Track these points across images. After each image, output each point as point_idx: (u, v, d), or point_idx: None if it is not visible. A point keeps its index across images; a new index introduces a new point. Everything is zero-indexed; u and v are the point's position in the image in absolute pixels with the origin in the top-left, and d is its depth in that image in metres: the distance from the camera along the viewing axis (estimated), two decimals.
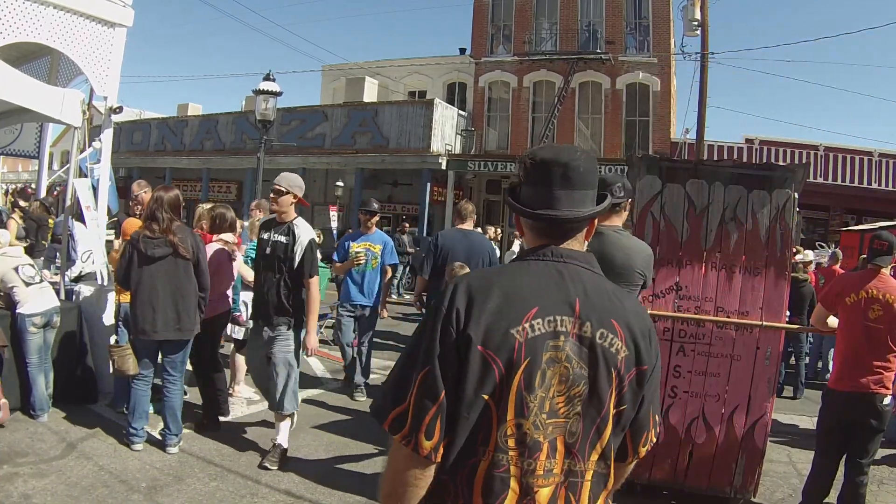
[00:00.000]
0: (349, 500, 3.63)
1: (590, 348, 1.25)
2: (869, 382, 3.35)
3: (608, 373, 1.26)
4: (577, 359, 1.25)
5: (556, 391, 1.24)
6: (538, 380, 1.22)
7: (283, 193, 4.08)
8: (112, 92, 5.43)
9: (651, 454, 3.78)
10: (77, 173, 5.32)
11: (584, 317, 1.26)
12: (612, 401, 1.28)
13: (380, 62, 24.52)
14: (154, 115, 28.32)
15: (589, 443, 1.27)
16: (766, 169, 4.03)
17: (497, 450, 1.22)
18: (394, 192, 22.63)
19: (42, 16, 4.95)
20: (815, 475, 3.59)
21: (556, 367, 1.24)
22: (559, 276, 1.29)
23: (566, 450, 1.25)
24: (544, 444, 1.23)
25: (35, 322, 4.34)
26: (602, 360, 1.25)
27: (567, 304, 1.26)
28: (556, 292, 1.27)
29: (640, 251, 3.13)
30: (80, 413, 4.63)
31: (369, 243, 5.76)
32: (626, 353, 1.28)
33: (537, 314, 1.23)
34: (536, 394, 1.22)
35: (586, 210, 1.34)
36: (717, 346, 3.79)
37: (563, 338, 1.24)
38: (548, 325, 1.24)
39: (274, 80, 10.04)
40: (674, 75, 20.49)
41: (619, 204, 3.10)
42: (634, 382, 1.31)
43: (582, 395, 1.25)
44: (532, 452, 1.22)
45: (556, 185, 1.32)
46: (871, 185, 16.77)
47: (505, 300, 1.24)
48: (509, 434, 1.22)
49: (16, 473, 3.52)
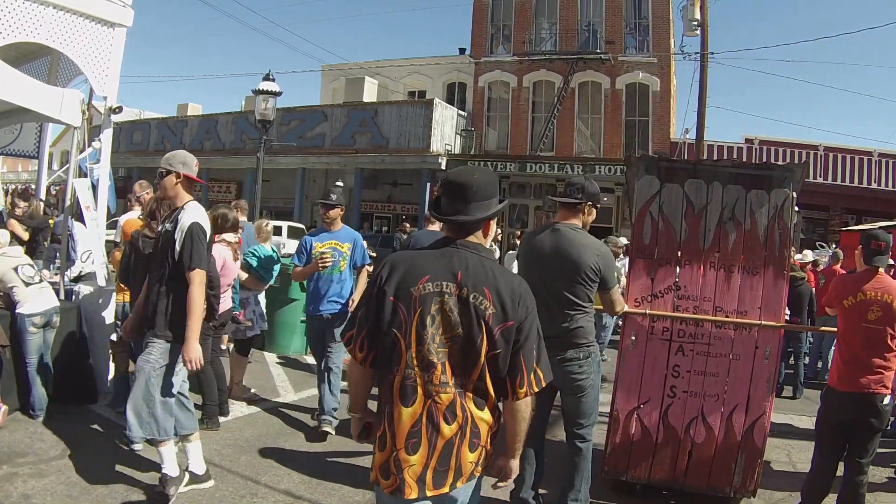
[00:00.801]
0: (349, 500, 3.63)
1: (465, 304, 1.89)
2: (869, 382, 3.35)
3: (478, 322, 1.89)
4: (456, 310, 1.89)
5: (443, 330, 1.90)
6: (429, 321, 1.89)
7: (164, 175, 3.51)
8: (112, 92, 5.43)
9: (650, 454, 3.80)
10: (77, 173, 5.33)
11: (463, 283, 1.90)
12: (485, 345, 1.89)
13: (379, 62, 24.53)
14: (154, 115, 28.36)
15: (468, 368, 1.91)
16: (765, 168, 4.03)
17: (407, 367, 1.90)
18: (393, 192, 22.63)
19: (42, 16, 4.95)
20: (814, 475, 3.58)
21: (442, 314, 1.90)
22: (451, 256, 1.96)
23: (452, 370, 1.90)
24: (437, 364, 1.89)
25: (35, 322, 4.34)
26: (473, 312, 1.89)
27: (452, 274, 1.92)
28: (445, 267, 1.93)
29: (594, 248, 3.33)
30: (79, 413, 4.63)
31: (336, 241, 4.82)
32: (494, 311, 1.89)
33: (428, 280, 1.91)
34: (429, 331, 1.89)
35: (476, 216, 1.98)
36: (716, 345, 3.79)
37: (447, 296, 1.90)
38: (435, 286, 1.91)
39: (273, 80, 10.04)
40: (674, 75, 20.51)
41: (577, 205, 3.40)
42: (504, 333, 1.90)
43: (460, 335, 1.89)
44: (429, 369, 1.89)
45: (458, 198, 1.99)
46: (871, 185, 16.79)
47: (409, 270, 1.94)
48: (413, 356, 1.90)
49: (15, 473, 3.52)
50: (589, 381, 3.36)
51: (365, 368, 2.02)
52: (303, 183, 21.66)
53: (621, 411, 3.85)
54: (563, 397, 3.43)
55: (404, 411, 1.92)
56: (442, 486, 1.93)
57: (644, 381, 3.84)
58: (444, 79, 23.05)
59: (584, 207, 3.43)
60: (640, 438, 3.82)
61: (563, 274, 3.27)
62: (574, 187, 3.41)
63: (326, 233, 4.86)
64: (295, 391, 5.90)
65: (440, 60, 22.83)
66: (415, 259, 1.98)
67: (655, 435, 3.80)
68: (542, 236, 3.41)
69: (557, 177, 19.27)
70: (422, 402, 1.91)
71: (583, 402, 3.37)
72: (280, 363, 6.92)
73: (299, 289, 7.28)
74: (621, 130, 20.09)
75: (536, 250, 3.38)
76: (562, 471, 3.56)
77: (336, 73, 25.24)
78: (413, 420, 1.91)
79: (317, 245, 4.78)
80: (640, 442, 3.82)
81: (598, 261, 3.30)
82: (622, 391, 3.86)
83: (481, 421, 1.95)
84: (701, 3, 14.96)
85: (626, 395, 3.85)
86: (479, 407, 1.94)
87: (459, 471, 1.94)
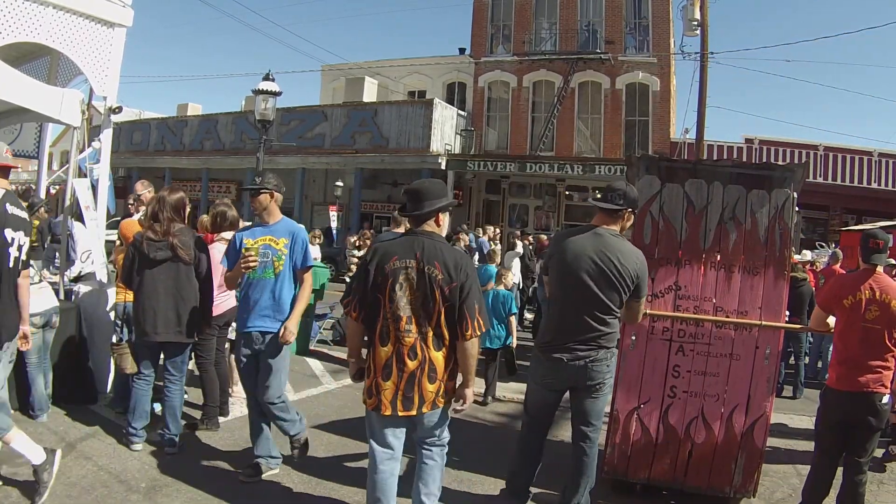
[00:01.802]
0: (349, 500, 3.63)
1: (422, 274, 2.80)
2: (868, 381, 3.35)
3: (432, 285, 2.79)
4: (416, 278, 2.80)
5: (409, 293, 2.81)
6: (398, 287, 2.81)
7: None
8: (111, 92, 5.42)
9: (651, 454, 3.80)
10: (76, 173, 5.32)
11: (422, 260, 2.80)
12: (440, 300, 2.79)
13: (379, 62, 24.52)
14: (154, 115, 28.33)
15: (427, 319, 2.82)
16: (765, 168, 4.03)
17: (384, 319, 2.84)
18: (393, 191, 22.60)
19: (41, 16, 4.95)
20: (814, 474, 3.58)
21: (408, 282, 2.81)
22: (412, 242, 2.87)
23: (416, 321, 2.82)
24: (403, 317, 2.81)
25: (34, 322, 4.32)
26: (428, 279, 2.79)
27: (413, 253, 2.82)
28: (409, 249, 2.84)
29: (635, 256, 3.34)
30: (79, 413, 4.63)
31: (270, 237, 3.83)
32: (442, 276, 2.79)
33: (397, 259, 2.83)
34: (398, 294, 2.81)
35: (427, 209, 2.90)
36: (717, 345, 3.79)
37: (410, 270, 2.81)
38: (401, 263, 2.82)
39: (273, 79, 10.02)
40: (673, 75, 20.50)
41: (618, 211, 3.36)
42: (451, 291, 2.80)
43: (422, 295, 2.80)
44: (398, 321, 2.81)
45: (414, 199, 2.92)
46: (871, 185, 16.78)
47: (385, 252, 2.87)
48: (388, 311, 2.83)
49: (15, 473, 3.51)
50: (609, 383, 3.41)
51: (358, 324, 2.95)
52: (303, 183, 21.65)
53: (621, 411, 3.85)
54: (578, 397, 3.40)
55: (381, 350, 2.86)
56: (409, 410, 2.84)
57: (644, 381, 3.84)
58: (444, 79, 23.04)
59: (624, 213, 3.39)
60: (641, 438, 3.82)
61: (604, 278, 3.24)
62: (616, 193, 3.35)
63: (261, 227, 3.89)
64: (294, 391, 5.90)
65: (440, 60, 22.82)
66: (389, 245, 2.93)
67: (655, 435, 3.80)
68: (580, 239, 3.34)
69: (557, 177, 19.28)
70: (393, 344, 2.84)
71: (598, 402, 3.40)
72: None
73: None
74: (621, 130, 20.07)
75: (575, 252, 3.31)
76: (562, 470, 3.57)
77: (336, 73, 25.23)
78: (387, 356, 2.85)
79: (247, 242, 3.82)
80: (640, 442, 3.82)
81: (639, 269, 3.30)
82: (622, 391, 3.86)
83: (437, 360, 2.84)
84: (701, 3, 14.94)
85: (626, 395, 3.85)
86: (437, 348, 2.84)
87: (423, 399, 2.84)
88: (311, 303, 7.45)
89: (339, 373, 6.76)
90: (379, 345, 2.84)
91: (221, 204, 4.98)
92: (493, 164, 19.63)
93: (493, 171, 19.95)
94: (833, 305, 3.56)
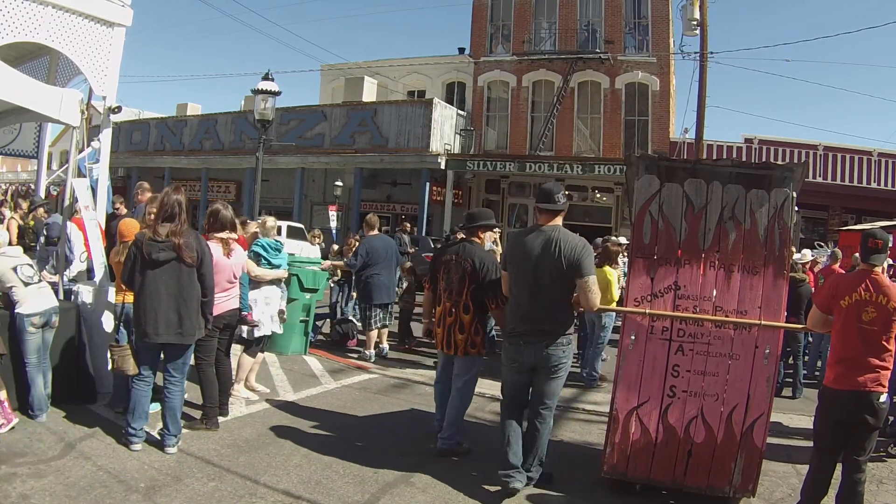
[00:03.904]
0: (349, 500, 3.63)
1: (459, 264, 4.45)
2: (866, 381, 3.35)
3: (464, 272, 4.41)
4: (454, 267, 4.46)
5: (451, 276, 4.47)
6: (445, 273, 4.52)
7: None
8: (111, 91, 5.42)
9: (650, 453, 3.80)
10: (76, 173, 5.32)
11: (462, 255, 4.47)
12: (468, 282, 4.39)
13: (379, 62, 24.53)
14: (153, 115, 28.33)
15: (460, 292, 4.42)
16: (765, 168, 4.02)
17: (440, 291, 4.55)
18: (393, 191, 22.63)
19: (41, 15, 4.94)
20: (813, 474, 3.58)
21: (450, 270, 4.49)
22: (459, 246, 4.57)
23: (453, 293, 4.44)
24: (447, 290, 4.48)
25: (34, 322, 4.34)
26: (462, 268, 4.42)
27: (457, 254, 4.50)
28: (455, 251, 4.54)
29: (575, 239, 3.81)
30: (78, 413, 4.62)
31: None
32: (471, 268, 4.38)
33: (448, 256, 4.56)
34: (444, 277, 4.52)
35: (471, 227, 4.67)
36: (716, 345, 3.78)
37: (453, 262, 4.49)
38: (450, 256, 4.55)
39: (273, 79, 10.02)
40: (673, 75, 20.51)
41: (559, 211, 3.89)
42: (476, 278, 4.36)
43: (458, 277, 4.43)
44: (446, 291, 4.48)
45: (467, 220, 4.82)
46: (871, 185, 16.80)
47: (440, 253, 4.83)
48: (442, 288, 4.54)
49: (14, 473, 3.51)
50: (565, 366, 3.87)
51: (430, 293, 4.69)
52: (302, 183, 21.66)
53: (621, 411, 3.85)
54: (537, 377, 3.86)
55: (438, 309, 4.55)
56: (449, 351, 4.45)
57: (644, 381, 3.83)
58: (444, 78, 23.05)
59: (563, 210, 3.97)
60: (640, 438, 3.82)
61: (551, 267, 3.74)
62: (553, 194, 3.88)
63: None
64: (294, 391, 5.90)
65: (439, 60, 22.84)
66: (446, 248, 4.72)
67: (655, 435, 3.80)
68: (530, 238, 3.86)
69: (557, 176, 19.28)
70: (443, 306, 4.47)
71: (553, 383, 3.86)
72: (280, 363, 6.91)
73: (299, 288, 7.28)
74: (621, 130, 20.09)
75: (526, 249, 3.84)
76: (562, 471, 3.55)
77: (335, 72, 25.24)
78: (441, 314, 4.50)
79: None
80: (639, 441, 3.82)
81: (577, 248, 3.74)
82: (622, 391, 3.86)
83: (465, 320, 4.37)
84: (700, 3, 14.95)
85: (625, 395, 3.85)
86: (466, 312, 4.38)
87: (456, 346, 4.40)
88: (311, 303, 7.46)
89: (339, 372, 6.76)
90: (437, 306, 4.56)
91: (216, 203, 4.97)
92: (493, 163, 19.65)
93: (492, 170, 19.97)
94: (830, 305, 3.56)
